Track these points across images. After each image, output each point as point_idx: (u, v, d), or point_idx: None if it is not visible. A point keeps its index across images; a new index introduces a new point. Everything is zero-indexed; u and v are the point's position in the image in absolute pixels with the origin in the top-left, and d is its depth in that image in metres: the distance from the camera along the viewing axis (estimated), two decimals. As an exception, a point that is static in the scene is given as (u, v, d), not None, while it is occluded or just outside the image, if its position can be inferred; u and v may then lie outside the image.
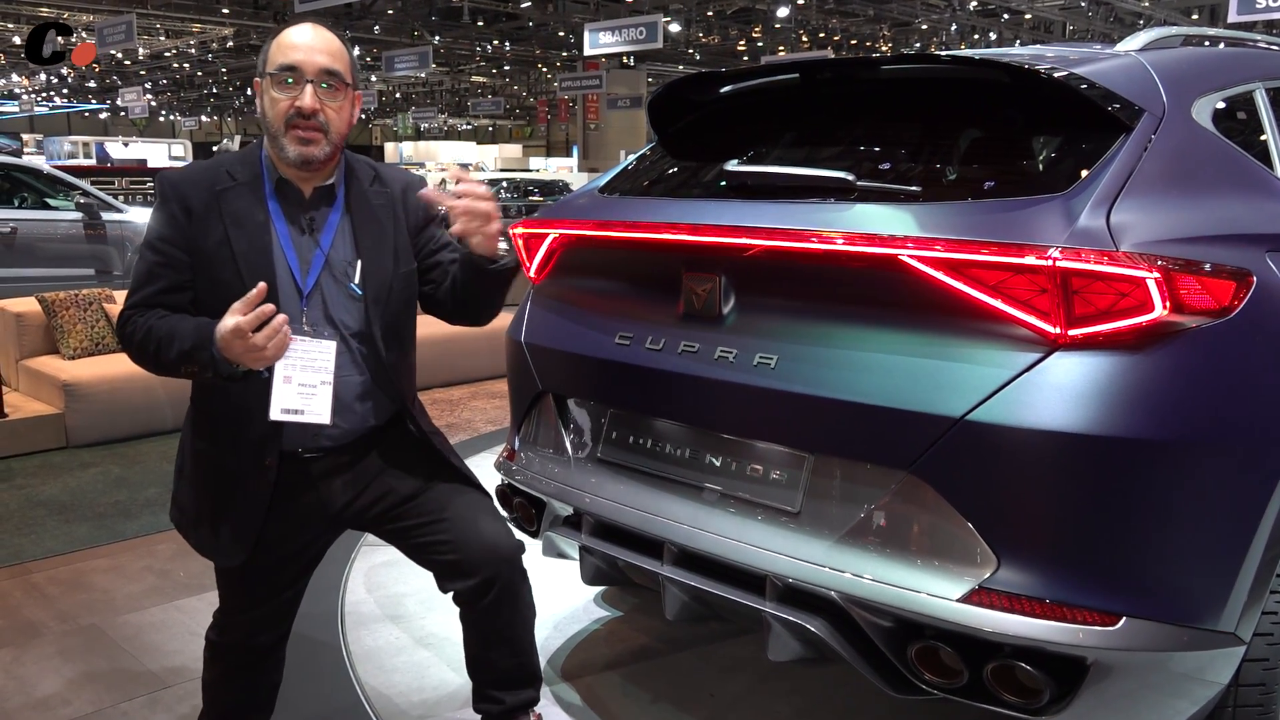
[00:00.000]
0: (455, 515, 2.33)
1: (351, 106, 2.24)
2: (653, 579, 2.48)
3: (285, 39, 2.18)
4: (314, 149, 2.16)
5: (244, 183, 2.21)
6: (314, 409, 2.16)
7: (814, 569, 2.16)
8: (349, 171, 2.32)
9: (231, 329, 1.99)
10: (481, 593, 2.29)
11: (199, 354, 2.06)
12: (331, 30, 2.22)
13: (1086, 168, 2.12)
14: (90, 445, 5.80)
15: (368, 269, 2.25)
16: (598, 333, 2.64)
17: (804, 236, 2.19)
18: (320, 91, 2.15)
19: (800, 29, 30.49)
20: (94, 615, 3.62)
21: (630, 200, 2.75)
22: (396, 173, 2.41)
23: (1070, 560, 1.96)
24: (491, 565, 2.29)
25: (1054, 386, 1.95)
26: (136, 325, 2.17)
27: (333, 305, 2.24)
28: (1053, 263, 1.92)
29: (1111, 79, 2.27)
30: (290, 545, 2.33)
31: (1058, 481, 1.96)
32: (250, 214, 2.19)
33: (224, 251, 2.16)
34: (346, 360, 2.24)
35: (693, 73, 2.88)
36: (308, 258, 2.22)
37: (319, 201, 2.26)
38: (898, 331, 2.12)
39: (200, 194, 2.19)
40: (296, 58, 2.14)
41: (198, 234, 2.17)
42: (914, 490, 2.08)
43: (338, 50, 2.19)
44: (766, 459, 2.34)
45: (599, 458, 2.68)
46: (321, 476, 2.30)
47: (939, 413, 2.01)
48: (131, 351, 2.20)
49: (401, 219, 2.34)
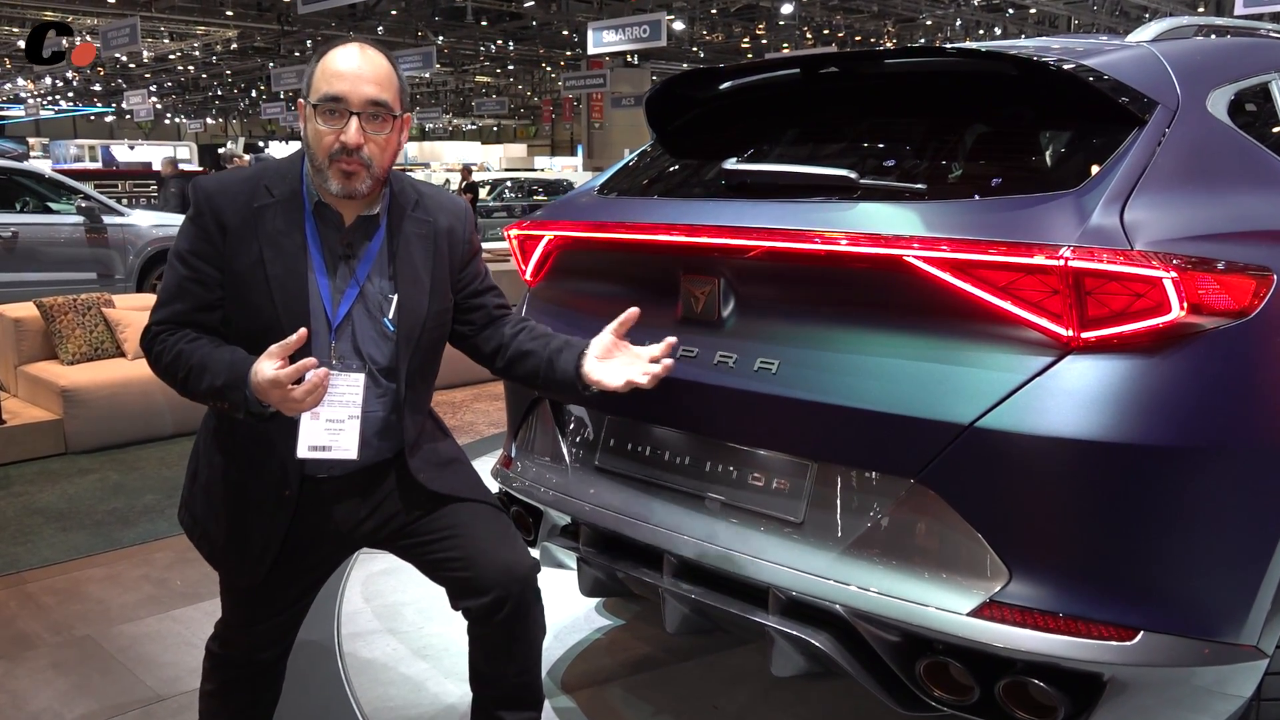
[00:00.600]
0: (469, 532, 2.27)
1: (398, 135, 2.13)
2: (653, 591, 2.41)
3: (331, 65, 2.06)
4: (357, 183, 2.07)
5: (282, 200, 2.12)
6: (341, 445, 2.10)
7: (818, 581, 2.09)
8: (392, 199, 2.22)
9: (270, 380, 1.93)
10: (494, 611, 2.23)
11: (231, 394, 2.00)
12: (381, 50, 2.11)
13: (1098, 163, 2.04)
14: (89, 451, 5.75)
15: (403, 305, 2.17)
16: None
17: (805, 237, 2.11)
18: (366, 123, 2.05)
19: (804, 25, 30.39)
20: (89, 626, 3.57)
21: (628, 200, 2.68)
22: (442, 200, 2.31)
23: (1085, 572, 1.89)
24: (505, 584, 2.22)
25: (1067, 391, 1.87)
26: (166, 345, 2.09)
27: (362, 339, 2.16)
28: (1064, 262, 1.85)
29: (1123, 71, 2.19)
30: (301, 564, 2.27)
31: (1071, 490, 1.89)
32: (288, 236, 2.10)
33: (258, 273, 2.08)
34: (371, 395, 2.16)
35: (691, 69, 2.80)
36: (342, 287, 2.14)
37: (359, 230, 2.17)
38: (903, 335, 2.05)
39: (237, 209, 2.09)
40: (342, 88, 2.03)
41: (232, 252, 2.08)
42: (921, 500, 2.00)
43: (386, 77, 2.07)
44: (768, 467, 2.26)
45: (596, 466, 2.61)
46: (335, 498, 2.24)
47: (947, 419, 1.93)
48: (158, 370, 2.13)
49: (444, 253, 2.25)
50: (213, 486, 2.23)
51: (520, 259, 2.88)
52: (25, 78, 41.00)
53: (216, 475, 2.23)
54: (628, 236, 2.47)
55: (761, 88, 2.75)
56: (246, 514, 2.19)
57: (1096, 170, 2.02)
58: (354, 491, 2.24)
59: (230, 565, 2.25)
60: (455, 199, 2.37)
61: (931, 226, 1.99)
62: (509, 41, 32.99)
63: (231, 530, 2.21)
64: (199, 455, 2.29)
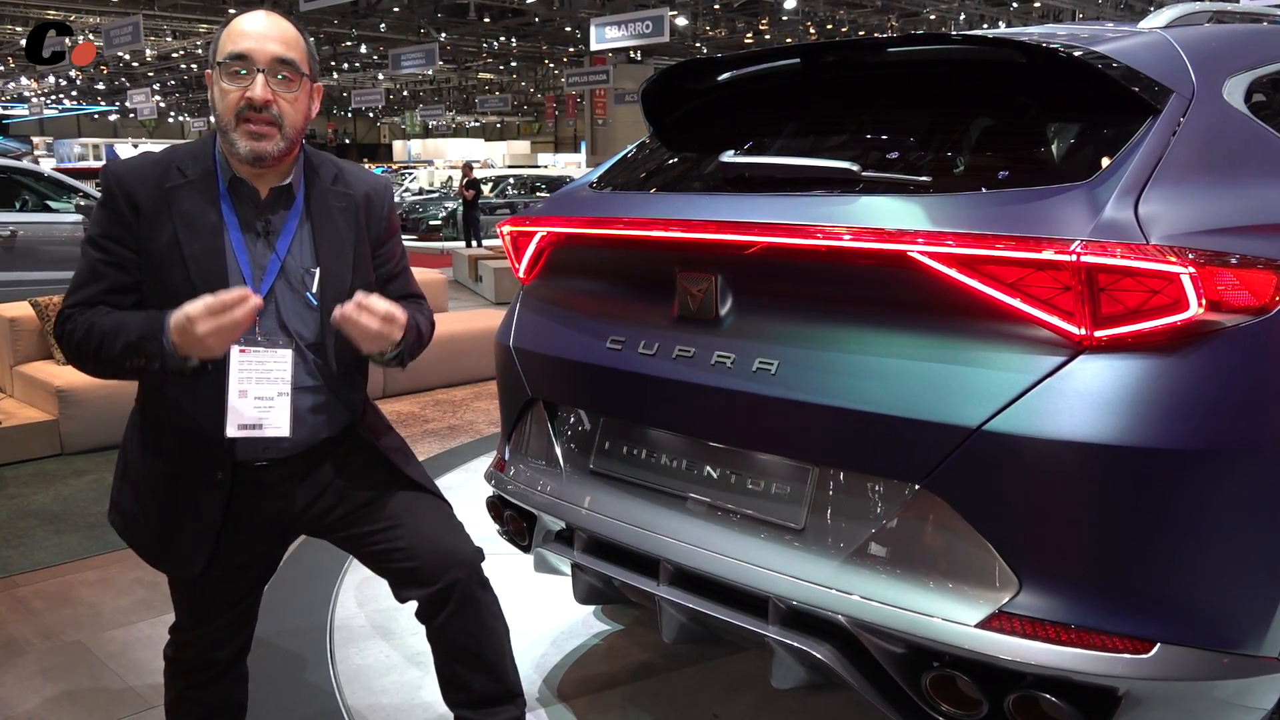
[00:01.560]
0: (411, 522, 2.23)
1: (309, 99, 2.10)
2: (649, 599, 2.33)
3: (236, 26, 2.04)
4: (266, 144, 2.03)
5: (195, 180, 2.08)
6: (273, 422, 2.04)
7: (819, 590, 2.01)
8: (309, 170, 2.19)
9: (191, 312, 1.87)
10: (441, 602, 2.19)
11: (147, 344, 1.95)
12: (286, 18, 2.09)
13: (1111, 154, 1.96)
14: (85, 452, 5.70)
15: (325, 278, 2.13)
16: (589, 337, 2.48)
17: (805, 232, 2.03)
18: (273, 82, 2.02)
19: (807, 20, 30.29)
20: (79, 631, 3.51)
21: (623, 195, 2.59)
22: (361, 175, 2.29)
23: (1098, 582, 1.81)
24: (448, 572, 2.18)
25: (1079, 393, 1.78)
26: (77, 323, 2.03)
27: (287, 314, 2.12)
28: (1077, 258, 1.76)
29: (1136, 58, 2.11)
30: (243, 556, 2.22)
31: (1084, 496, 1.80)
32: (202, 215, 2.06)
33: (174, 254, 2.03)
34: (301, 370, 2.12)
35: (688, 60, 2.72)
36: (262, 263, 2.09)
37: (275, 203, 2.13)
38: (908, 334, 1.96)
39: (148, 190, 2.06)
40: (247, 45, 2.00)
41: (147, 233, 2.04)
42: (927, 506, 1.92)
43: (293, 38, 2.06)
44: (767, 471, 2.18)
45: (591, 469, 2.53)
46: (273, 485, 2.18)
47: (954, 422, 1.85)
48: (70, 351, 2.06)
49: (363, 226, 2.22)
50: (140, 479, 2.18)
51: (513, 255, 2.80)
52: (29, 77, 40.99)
53: (143, 467, 2.17)
54: (622, 232, 2.38)
55: (761, 79, 2.67)
56: (179, 504, 2.13)
57: (1109, 161, 1.93)
58: (293, 478, 2.19)
59: (165, 559, 2.20)
60: (377, 175, 2.35)
61: (937, 220, 1.91)
62: (512, 38, 32.93)
63: (164, 522, 2.15)
64: (125, 451, 2.23)
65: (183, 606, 2.28)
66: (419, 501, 2.27)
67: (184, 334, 1.90)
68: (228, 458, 2.10)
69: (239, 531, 2.17)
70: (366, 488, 2.24)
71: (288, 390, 2.05)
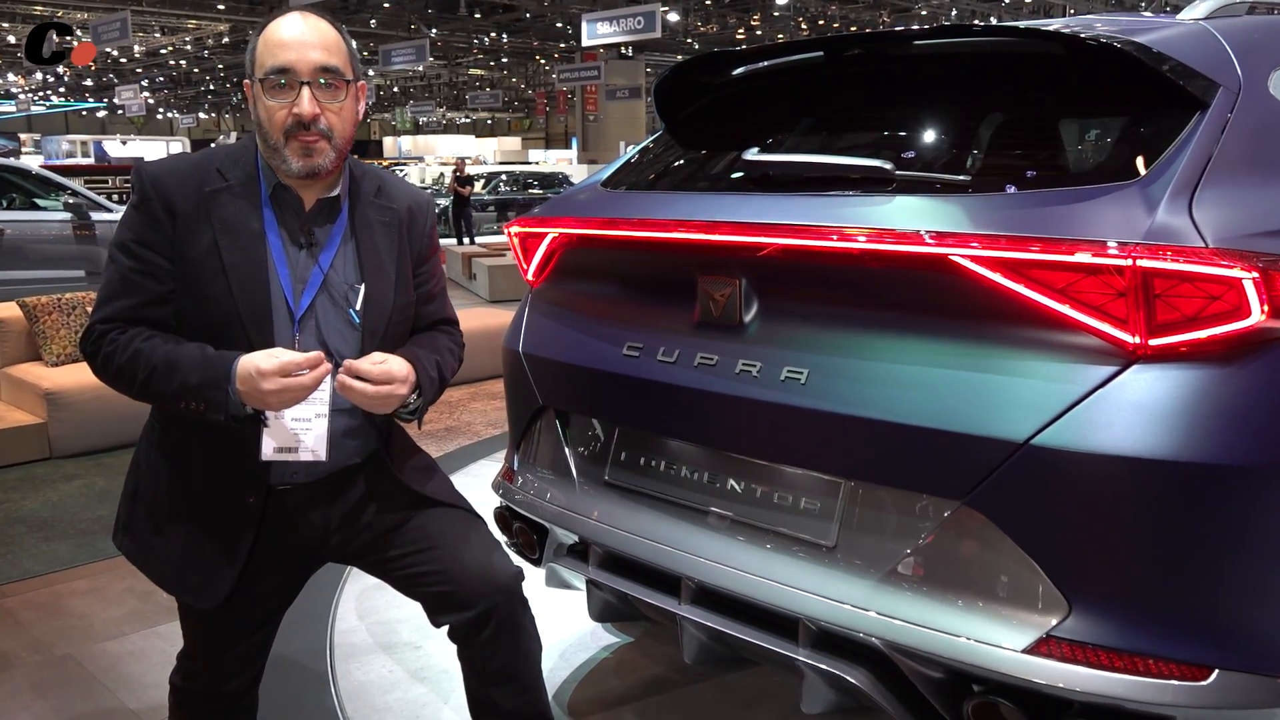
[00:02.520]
0: (446, 542, 2.11)
1: (355, 102, 1.99)
2: (669, 618, 2.23)
3: (273, 35, 1.91)
4: (319, 159, 1.92)
5: (236, 185, 1.96)
6: (309, 445, 1.93)
7: (853, 612, 1.91)
8: (353, 183, 2.07)
9: (268, 368, 1.79)
10: (479, 626, 2.07)
11: (209, 392, 1.84)
12: (324, 17, 1.96)
13: (1158, 151, 1.86)
14: (75, 456, 5.57)
15: (370, 297, 2.02)
16: (603, 342, 2.38)
17: (838, 234, 1.92)
18: (319, 92, 1.90)
19: (799, 16, 30.20)
20: (70, 644, 3.40)
21: (637, 195, 2.49)
22: (404, 188, 2.17)
23: (1152, 605, 1.71)
24: (488, 595, 2.06)
25: (1133, 405, 1.69)
26: (117, 345, 1.90)
27: (327, 331, 2.00)
28: (1133, 262, 1.66)
29: (1181, 50, 2.01)
30: (266, 583, 2.10)
31: (1137, 514, 1.71)
32: (244, 222, 1.94)
33: (213, 263, 1.91)
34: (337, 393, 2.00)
35: (703, 53, 2.61)
36: (304, 276, 1.98)
37: (320, 214, 2.01)
38: (949, 343, 1.86)
39: (187, 193, 1.93)
40: (288, 58, 1.88)
41: (183, 240, 1.92)
42: (970, 524, 1.82)
43: (334, 42, 1.93)
44: (794, 485, 2.08)
45: (606, 481, 2.42)
46: (299, 509, 2.07)
47: (1000, 436, 1.75)
48: (105, 372, 1.93)
49: (406, 243, 2.11)
50: (161, 502, 2.05)
51: (521, 257, 2.69)
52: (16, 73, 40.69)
53: (166, 489, 2.05)
54: (640, 234, 2.27)
55: (780, 73, 2.56)
56: (205, 528, 2.01)
57: (1158, 159, 1.83)
58: (321, 501, 2.08)
59: (189, 588, 2.06)
60: (419, 190, 2.24)
61: (979, 222, 1.81)
62: (502, 34, 32.78)
63: (188, 548, 2.03)
64: (139, 471, 2.10)
65: (195, 636, 2.16)
66: (454, 521, 2.15)
67: (248, 385, 1.81)
68: (261, 481, 1.99)
69: (263, 558, 2.05)
70: (397, 509, 2.13)
71: (326, 412, 1.94)
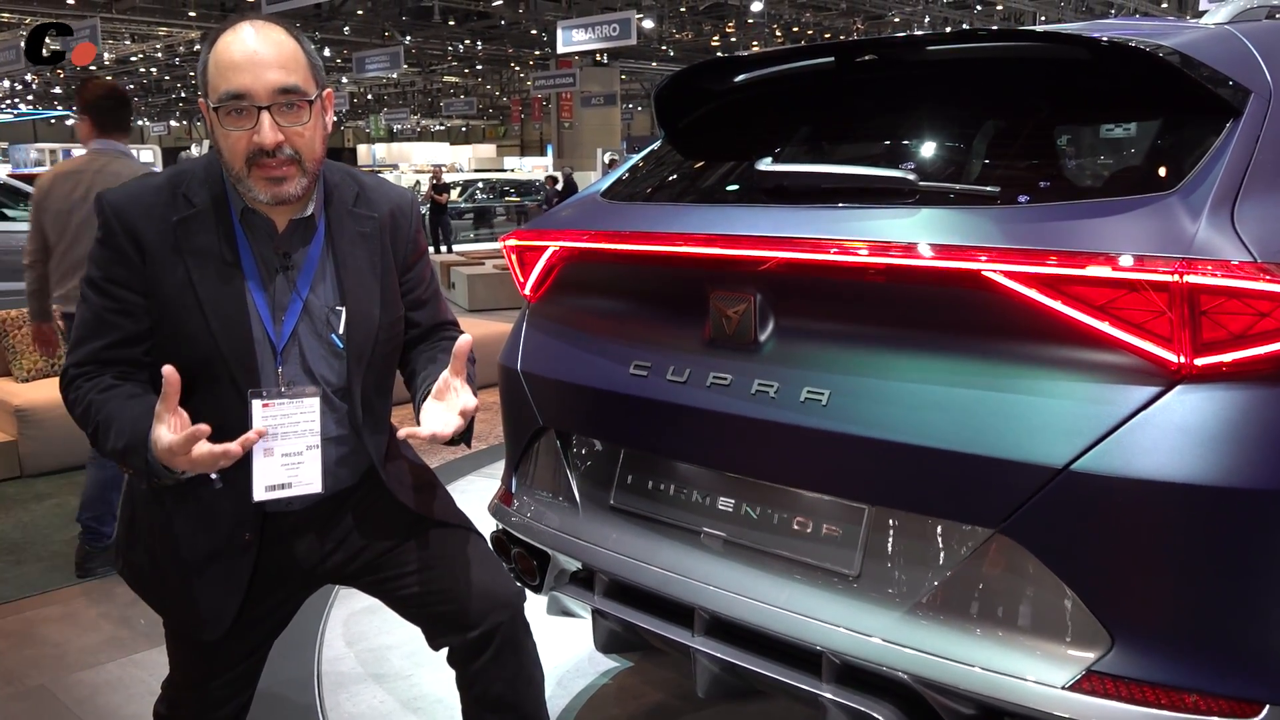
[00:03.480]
0: (446, 561, 2.02)
1: (322, 117, 1.85)
2: (681, 649, 2.13)
3: (224, 55, 1.74)
4: (288, 186, 1.78)
5: (204, 210, 1.83)
6: (303, 479, 1.84)
7: (880, 645, 1.81)
8: (328, 192, 1.94)
9: (165, 448, 1.65)
10: (479, 648, 1.98)
11: (132, 458, 1.72)
12: (278, 23, 1.81)
13: (1193, 160, 1.78)
14: (46, 474, 5.44)
15: (353, 319, 1.91)
16: (608, 361, 2.28)
17: (862, 249, 1.83)
18: (281, 116, 1.75)
19: (774, 23, 30.24)
20: (43, 674, 3.28)
21: (642, 207, 2.39)
22: (385, 190, 2.04)
23: (1200, 638, 1.62)
24: (490, 615, 1.98)
25: (1177, 427, 1.60)
26: (80, 393, 1.80)
27: (312, 359, 1.89)
28: (1180, 278, 1.58)
29: (1211, 54, 1.93)
30: (262, 607, 2.00)
31: (1183, 543, 1.62)
32: (216, 251, 1.82)
33: (187, 297, 1.80)
34: (329, 420, 1.91)
35: (706, 59, 2.52)
36: (283, 304, 1.86)
37: (294, 236, 1.89)
38: (981, 362, 1.77)
39: (153, 224, 1.80)
40: (243, 82, 1.72)
41: (154, 274, 1.80)
42: (1004, 553, 1.73)
43: (290, 56, 1.77)
44: (813, 511, 1.99)
45: (612, 505, 2.32)
46: (297, 533, 1.97)
47: (1038, 461, 1.66)
48: (74, 418, 1.84)
49: (389, 253, 1.99)
50: (155, 538, 1.95)
51: (518, 272, 2.58)
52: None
53: (158, 526, 1.94)
54: (648, 248, 2.17)
55: (785, 80, 2.47)
56: (201, 568, 1.91)
57: (1194, 169, 1.75)
58: (317, 524, 1.99)
59: (185, 620, 1.97)
60: (402, 190, 2.11)
61: (1012, 236, 1.72)
62: (477, 41, 32.62)
63: (187, 581, 1.92)
64: (135, 501, 1.99)
65: (183, 662, 2.05)
66: (452, 539, 2.06)
67: (164, 456, 1.68)
68: (255, 519, 1.89)
69: (260, 584, 1.95)
70: (395, 528, 2.03)
71: (317, 443, 1.84)
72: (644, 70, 39.08)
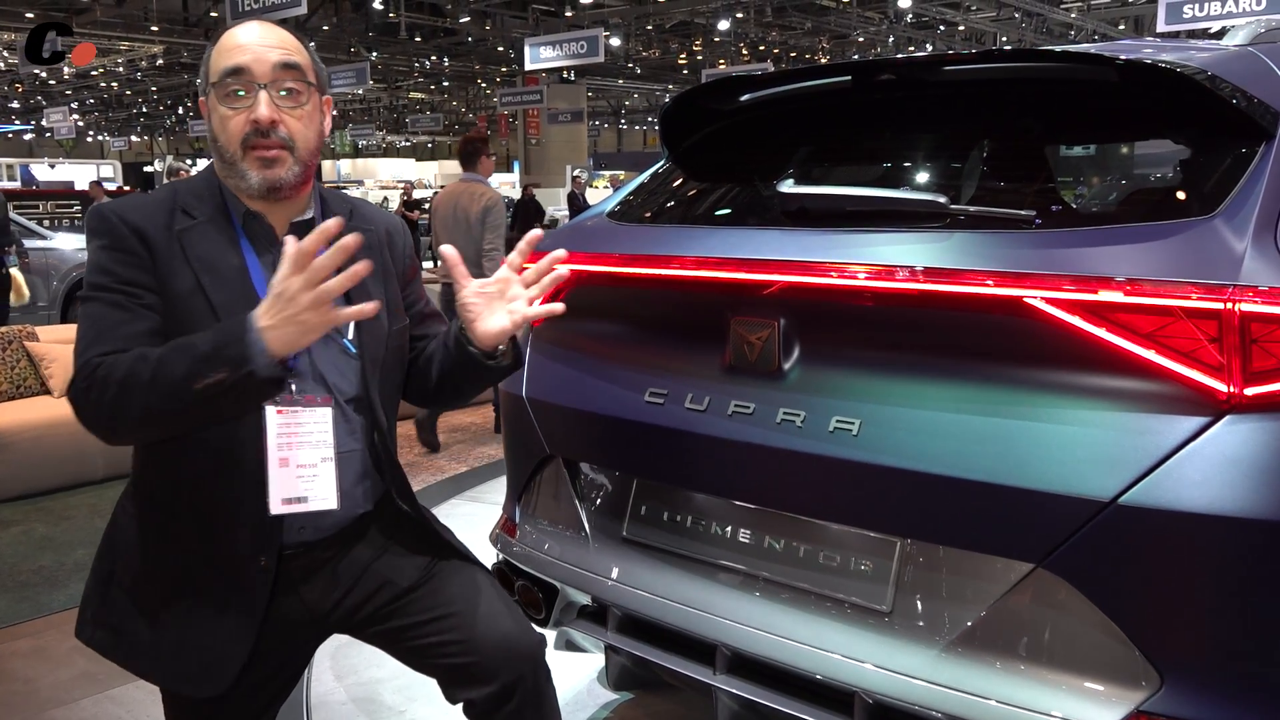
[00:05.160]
0: (465, 609, 1.92)
1: (320, 114, 1.84)
2: (701, 688, 2.05)
3: (228, 40, 1.77)
4: (280, 170, 1.75)
5: (205, 220, 1.78)
6: (318, 493, 1.76)
7: (915, 684, 1.75)
8: (324, 205, 1.92)
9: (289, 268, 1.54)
10: (501, 700, 1.87)
11: (228, 350, 1.57)
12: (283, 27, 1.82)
13: (1229, 183, 1.74)
14: (12, 500, 5.27)
15: (362, 323, 1.84)
16: (621, 388, 2.20)
17: (898, 274, 1.78)
18: (279, 98, 1.75)
19: (740, 42, 30.35)
20: (13, 713, 3.15)
21: (654, 229, 2.32)
22: (376, 212, 2.04)
23: (1254, 678, 1.58)
24: (512, 667, 1.88)
25: (1228, 459, 1.55)
26: (117, 361, 1.64)
27: (323, 365, 1.82)
28: (1231, 305, 1.54)
29: (1239, 76, 1.90)
30: (270, 663, 1.88)
31: (1235, 579, 1.57)
32: (222, 257, 1.77)
33: (198, 302, 1.72)
34: (342, 431, 1.82)
35: (714, 79, 2.46)
36: None
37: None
38: (1021, 392, 1.72)
39: (158, 230, 1.75)
40: (243, 59, 1.74)
41: (163, 278, 1.73)
42: (1048, 589, 1.68)
43: (293, 43, 1.80)
44: (841, 544, 1.92)
45: (625, 537, 2.24)
46: (303, 577, 1.87)
47: (1083, 494, 1.61)
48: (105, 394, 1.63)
49: (390, 267, 1.95)
50: (146, 583, 1.83)
51: (521, 295, 2.50)
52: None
53: (155, 565, 1.82)
54: (665, 272, 2.11)
55: (799, 99, 2.42)
56: (206, 604, 1.79)
57: (1232, 193, 1.72)
58: (326, 565, 1.88)
59: (185, 676, 1.81)
60: (389, 212, 2.11)
61: (1051, 261, 1.67)
62: (443, 57, 32.51)
63: (185, 631, 1.80)
64: (116, 552, 1.87)
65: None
66: (470, 581, 1.96)
67: (274, 314, 1.56)
68: (273, 540, 1.79)
69: (269, 633, 1.84)
70: (410, 570, 1.94)
71: (331, 455, 1.77)
72: (610, 88, 39.15)
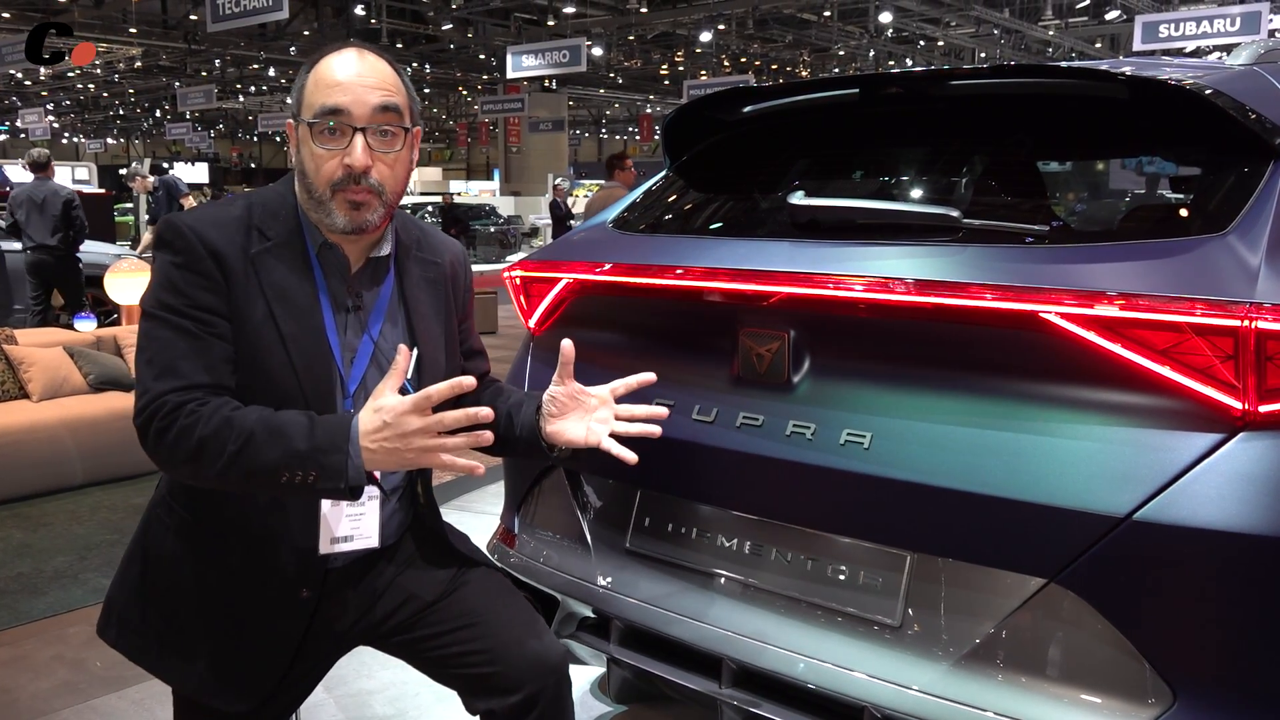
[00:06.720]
0: (489, 619, 1.91)
1: (410, 153, 1.79)
2: (706, 702, 2.04)
3: (326, 74, 1.71)
4: (366, 213, 1.72)
5: (280, 244, 1.74)
6: (363, 532, 1.77)
7: (926, 700, 1.74)
8: (396, 235, 1.88)
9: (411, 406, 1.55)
10: (522, 711, 1.87)
11: (325, 458, 1.57)
12: (382, 56, 1.76)
13: (1240, 200, 1.75)
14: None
15: (422, 364, 1.82)
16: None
17: (911, 287, 1.77)
18: (374, 140, 1.70)
19: (721, 54, 30.50)
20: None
21: (659, 239, 2.31)
22: (442, 240, 2.00)
23: (1267, 696, 1.57)
24: (536, 678, 1.87)
25: (1243, 476, 1.56)
26: (200, 415, 1.60)
27: None
28: (1249, 322, 1.54)
29: (1247, 94, 1.91)
30: (290, 676, 1.87)
31: (1250, 596, 1.57)
32: (296, 287, 1.73)
33: (268, 331, 1.69)
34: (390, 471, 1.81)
35: (720, 90, 2.46)
36: (353, 345, 1.78)
37: (367, 276, 1.82)
38: (1035, 407, 1.72)
39: (235, 252, 1.69)
40: (343, 100, 1.68)
41: (237, 303, 1.68)
42: (1060, 604, 1.67)
43: (392, 81, 1.74)
44: (852, 558, 1.92)
45: (628, 549, 2.23)
46: (337, 590, 1.86)
47: (1098, 510, 1.61)
48: (181, 447, 1.60)
49: (451, 301, 1.93)
50: (184, 596, 1.81)
51: (522, 303, 2.49)
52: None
53: (194, 582, 1.80)
54: (673, 282, 2.10)
55: (805, 111, 2.42)
56: (248, 625, 1.79)
57: (1243, 210, 1.73)
58: (352, 581, 1.88)
59: (214, 690, 1.81)
60: (454, 240, 2.07)
61: (1066, 277, 1.67)
62: (425, 64, 32.45)
63: (222, 647, 1.79)
64: (148, 557, 1.84)
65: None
66: (493, 592, 1.96)
67: (380, 438, 1.56)
68: (317, 573, 1.78)
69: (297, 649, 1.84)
70: (433, 582, 1.94)
71: (378, 494, 1.76)
72: (592, 97, 39.21)
